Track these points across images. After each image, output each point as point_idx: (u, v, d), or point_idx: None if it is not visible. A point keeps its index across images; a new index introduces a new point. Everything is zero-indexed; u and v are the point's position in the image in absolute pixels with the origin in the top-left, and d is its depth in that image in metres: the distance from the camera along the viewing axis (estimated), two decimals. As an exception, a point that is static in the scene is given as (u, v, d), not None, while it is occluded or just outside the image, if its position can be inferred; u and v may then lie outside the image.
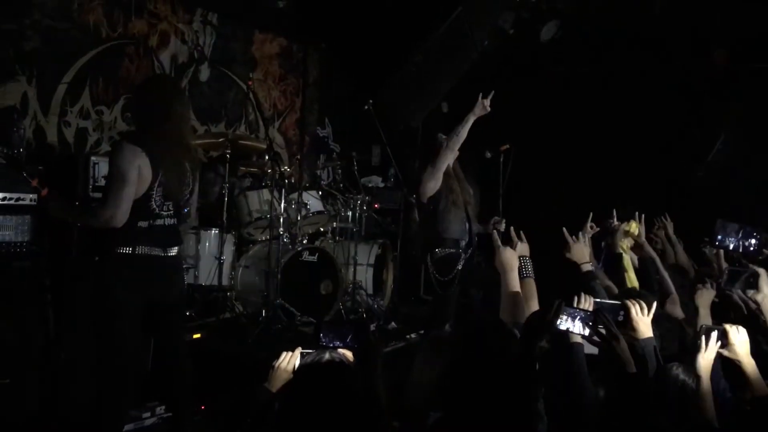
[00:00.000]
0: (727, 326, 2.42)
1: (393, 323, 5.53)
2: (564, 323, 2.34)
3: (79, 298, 3.65)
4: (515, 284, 2.83)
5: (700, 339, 2.39)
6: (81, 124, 5.37)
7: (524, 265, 2.96)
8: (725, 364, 2.44)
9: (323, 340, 2.27)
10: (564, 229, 3.40)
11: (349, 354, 2.20)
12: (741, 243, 4.06)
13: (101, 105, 5.50)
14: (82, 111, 5.37)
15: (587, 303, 2.45)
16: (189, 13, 6.23)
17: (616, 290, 3.52)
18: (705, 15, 6.05)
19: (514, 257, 2.90)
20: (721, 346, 2.39)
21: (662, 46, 6.39)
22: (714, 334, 2.38)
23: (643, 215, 4.27)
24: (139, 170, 3.08)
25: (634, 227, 4.22)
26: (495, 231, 3.01)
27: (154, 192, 3.15)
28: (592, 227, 4.09)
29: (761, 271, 3.17)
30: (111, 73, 5.53)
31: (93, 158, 4.08)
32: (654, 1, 6.18)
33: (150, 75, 5.64)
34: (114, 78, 5.55)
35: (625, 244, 4.28)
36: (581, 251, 3.35)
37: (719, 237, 4.15)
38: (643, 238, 4.16)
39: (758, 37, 5.99)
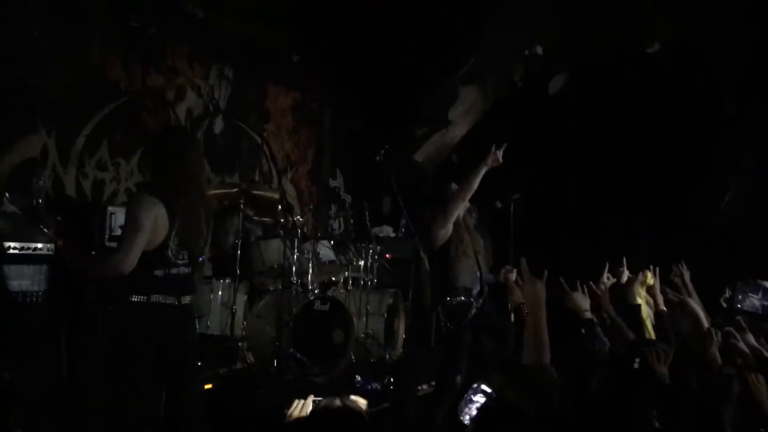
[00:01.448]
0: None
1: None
2: (466, 415, 2.28)
3: (93, 346, 3.68)
4: (542, 321, 2.67)
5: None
6: (99, 175, 5.48)
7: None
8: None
9: (359, 381, 2.27)
10: (561, 279, 3.39)
11: (362, 401, 2.20)
12: (763, 303, 3.87)
13: (119, 157, 5.62)
14: (99, 163, 5.48)
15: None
16: (205, 68, 6.41)
17: (632, 337, 3.46)
18: (713, 57, 6.11)
19: (543, 291, 2.76)
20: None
21: (671, 95, 6.45)
22: None
23: (657, 268, 4.20)
24: (156, 220, 3.12)
25: (649, 278, 4.18)
26: (522, 261, 2.92)
27: (171, 241, 3.20)
28: (609, 278, 4.03)
29: None
30: (129, 126, 5.67)
31: (110, 208, 4.15)
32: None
33: (164, 126, 5.76)
34: (132, 130, 5.68)
35: (642, 294, 4.22)
36: (580, 300, 3.33)
37: (740, 297, 3.95)
38: (658, 291, 4.08)
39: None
